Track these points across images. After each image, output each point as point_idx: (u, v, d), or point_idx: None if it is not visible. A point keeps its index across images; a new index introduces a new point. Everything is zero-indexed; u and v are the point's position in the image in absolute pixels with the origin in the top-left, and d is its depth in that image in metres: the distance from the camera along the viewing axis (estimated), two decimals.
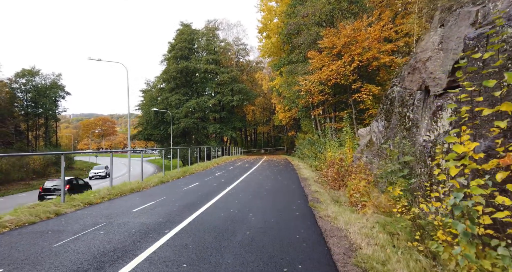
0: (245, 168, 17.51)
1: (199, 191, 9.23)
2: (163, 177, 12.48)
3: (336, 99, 19.30)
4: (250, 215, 5.97)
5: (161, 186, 10.75)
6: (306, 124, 32.93)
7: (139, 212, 6.41)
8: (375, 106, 16.70)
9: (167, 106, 42.92)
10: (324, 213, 6.05)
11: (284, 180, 11.71)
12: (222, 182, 11.28)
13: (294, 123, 44.34)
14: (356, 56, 15.97)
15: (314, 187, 9.73)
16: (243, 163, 22.43)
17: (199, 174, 14.80)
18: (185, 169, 15.73)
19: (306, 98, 19.77)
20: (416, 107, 6.67)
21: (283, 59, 24.09)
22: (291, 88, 21.04)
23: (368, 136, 11.82)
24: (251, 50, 55.02)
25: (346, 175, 9.89)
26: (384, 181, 6.78)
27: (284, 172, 14.91)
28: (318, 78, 17.81)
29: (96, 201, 7.56)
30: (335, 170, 10.52)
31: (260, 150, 56.66)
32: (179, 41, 42.90)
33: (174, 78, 42.39)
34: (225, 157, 29.20)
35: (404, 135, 7.12)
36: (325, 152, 16.32)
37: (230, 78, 42.21)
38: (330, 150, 14.13)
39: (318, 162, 15.89)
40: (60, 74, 57.37)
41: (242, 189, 9.47)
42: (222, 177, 13.05)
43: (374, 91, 15.97)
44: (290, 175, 13.46)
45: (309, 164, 19.55)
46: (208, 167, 18.87)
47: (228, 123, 44.13)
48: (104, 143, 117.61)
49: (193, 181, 11.88)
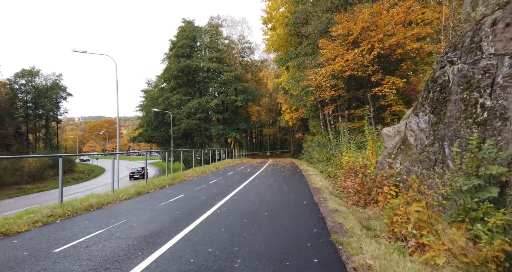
0: (246, 174, 15.19)
1: (178, 209, 6.93)
2: (143, 187, 10.25)
3: (350, 95, 16.86)
4: (237, 264, 3.64)
5: (135, 200, 8.50)
6: (314, 125, 30.58)
7: (61, 254, 4.10)
8: (398, 102, 14.22)
9: (168, 106, 40.95)
10: (360, 259, 3.68)
11: (291, 192, 9.35)
12: (212, 194, 8.99)
13: (301, 124, 41.97)
14: (376, 43, 13.54)
15: (331, 203, 7.36)
16: (245, 167, 20.12)
17: (191, 182, 12.53)
18: (175, 176, 13.47)
19: (316, 94, 17.37)
20: (501, 88, 4.27)
21: (290, 52, 21.77)
22: (299, 83, 18.67)
23: (397, 136, 9.43)
24: (256, 48, 52.85)
25: (374, 188, 7.49)
26: (452, 204, 4.37)
27: (292, 180, 12.54)
28: (331, 70, 15.43)
29: (19, 229, 5.28)
30: (358, 180, 8.11)
31: (265, 153, 54.53)
32: (181, 39, 40.94)
33: (175, 77, 40.39)
34: (226, 161, 26.93)
35: (471, 132, 4.73)
36: (339, 156, 13.91)
37: (234, 77, 40.03)
38: (347, 153, 11.71)
39: (331, 167, 13.48)
40: (61, 74, 56.16)
41: (236, 207, 7.14)
42: (216, 187, 10.76)
43: (398, 84, 13.49)
44: (298, 184, 11.09)
45: (320, 170, 17.15)
46: (204, 172, 16.60)
47: (231, 124, 41.91)
48: (109, 146, 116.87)
49: (178, 193, 9.59)
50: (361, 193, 7.82)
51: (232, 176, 14.33)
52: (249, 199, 8.01)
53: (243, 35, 47.57)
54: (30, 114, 52.63)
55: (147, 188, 10.14)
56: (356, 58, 13.95)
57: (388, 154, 8.94)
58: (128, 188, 9.97)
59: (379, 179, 7.42)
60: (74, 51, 16.93)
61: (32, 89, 52.60)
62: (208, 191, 9.49)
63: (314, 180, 11.73)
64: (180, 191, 9.86)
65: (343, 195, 8.96)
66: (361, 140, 14.14)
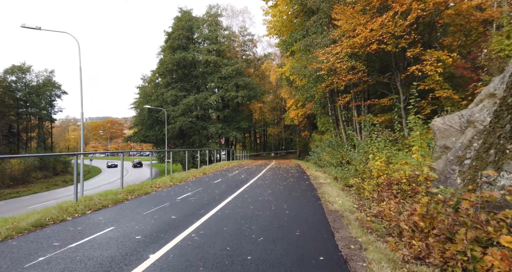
0: (236, 183, 11.54)
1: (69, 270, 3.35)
2: (72, 206, 6.70)
3: (373, 81, 13.06)
4: None
5: (36, 234, 4.95)
6: (323, 122, 26.77)
7: None
8: (444, 86, 10.40)
9: (163, 103, 37.57)
10: None
11: (295, 221, 5.65)
12: (164, 225, 5.39)
13: (308, 122, 38.18)
14: (414, 2, 9.76)
15: (374, 255, 3.69)
16: (240, 172, 16.48)
17: (151, 198, 8.87)
18: (136, 187, 9.82)
19: (328, 80, 13.61)
20: None
21: (295, 33, 18.05)
22: (306, 69, 14.92)
23: (469, 129, 5.73)
24: (259, 40, 49.15)
25: (460, 227, 3.78)
26: None
27: (296, 194, 8.83)
28: (348, 46, 11.72)
29: None
30: (419, 208, 4.41)
31: (270, 154, 50.96)
32: (176, 29, 37.49)
33: (170, 71, 36.95)
34: (223, 163, 23.29)
35: None
36: (362, 159, 10.15)
37: (234, 71, 36.37)
38: (379, 156, 7.95)
39: (353, 175, 9.73)
40: (53, 71, 53.20)
41: (188, 264, 3.50)
42: (183, 206, 7.13)
43: (447, 60, 9.66)
44: (306, 203, 7.38)
45: (333, 176, 13.44)
46: (184, 179, 12.97)
47: (232, 122, 38.28)
48: (110, 146, 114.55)
49: (110, 221, 6.00)
50: (429, 235, 4.10)
51: (217, 187, 10.69)
52: (216, 247, 4.34)
53: (244, 27, 43.99)
54: (21, 112, 49.86)
55: (73, 210, 6.56)
56: (385, 25, 10.18)
57: (456, 159, 5.22)
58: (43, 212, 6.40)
59: (468, 211, 3.71)
60: (24, 26, 13.52)
61: (23, 86, 49.82)
62: (157, 223, 5.84)
63: (328, 195, 8.03)
64: (116, 217, 6.26)
65: (383, 228, 5.25)
66: (389, 137, 10.36)
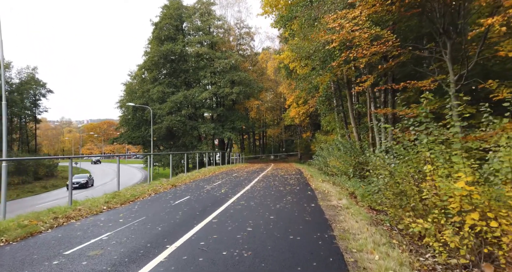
0: (206, 205, 7.70)
1: None
2: None
3: (407, 55, 9.19)
4: None
5: None
6: (329, 120, 22.95)
7: None
8: None
9: (148, 100, 33.85)
10: None
11: None
12: None
13: (310, 122, 34.38)
14: None
15: None
16: (223, 182, 12.65)
17: (59, 237, 5.12)
18: (57, 212, 6.05)
19: (342, 57, 9.76)
20: None
21: (296, 6, 14.26)
22: (310, 42, 11.09)
23: None
24: (256, 32, 45.45)
25: None
26: None
27: (296, 240, 4.99)
28: (372, 4, 7.99)
29: None
30: None
31: (269, 156, 47.16)
32: (164, 18, 33.81)
33: (156, 65, 33.23)
34: (208, 169, 19.45)
35: None
36: (409, 174, 6.25)
37: (229, 65, 32.64)
38: (453, 171, 4.14)
39: (394, 200, 5.80)
40: (36, 67, 49.60)
41: None
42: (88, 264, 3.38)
43: None
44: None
45: (346, 189, 9.65)
46: (137, 197, 9.11)
47: (226, 122, 34.49)
48: (105, 148, 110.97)
49: None
50: None
51: (177, 208, 6.85)
52: None
53: (240, 19, 40.39)
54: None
55: None
56: None
57: None
58: None
59: None
60: None
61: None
62: None
63: (358, 243, 4.22)
64: None
65: None
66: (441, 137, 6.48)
